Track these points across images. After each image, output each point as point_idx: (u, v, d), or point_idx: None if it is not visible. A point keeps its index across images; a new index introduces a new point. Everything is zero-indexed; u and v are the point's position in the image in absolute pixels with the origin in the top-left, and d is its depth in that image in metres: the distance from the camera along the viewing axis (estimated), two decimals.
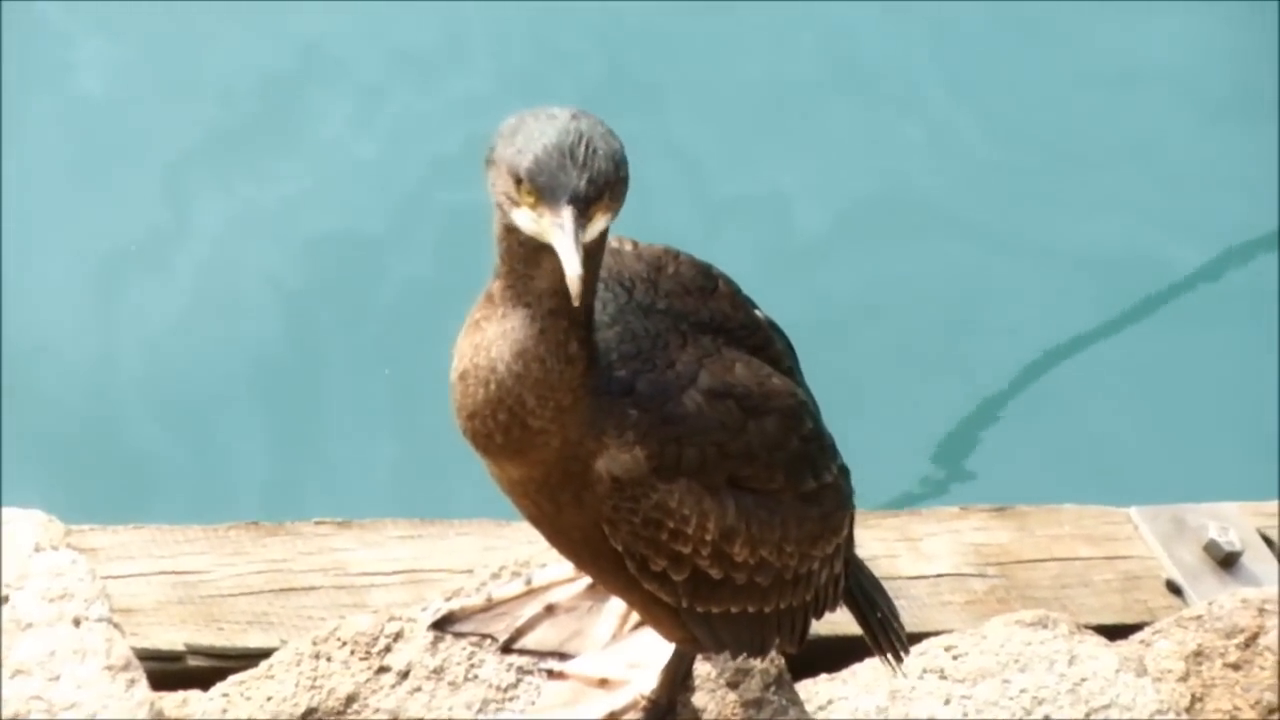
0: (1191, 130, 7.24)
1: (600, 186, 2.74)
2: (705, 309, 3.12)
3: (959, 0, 7.46)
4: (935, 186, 6.98)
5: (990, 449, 6.56)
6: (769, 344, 3.19)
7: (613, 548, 3.05)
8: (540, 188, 2.74)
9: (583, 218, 2.73)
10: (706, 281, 3.16)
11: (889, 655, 3.52)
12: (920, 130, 7.16)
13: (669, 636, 3.34)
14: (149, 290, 6.36)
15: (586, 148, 2.75)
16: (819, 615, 3.38)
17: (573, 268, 2.69)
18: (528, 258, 2.86)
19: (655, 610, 3.21)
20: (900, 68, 7.31)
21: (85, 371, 6.11)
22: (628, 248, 3.14)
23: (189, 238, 6.50)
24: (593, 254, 2.83)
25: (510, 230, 2.85)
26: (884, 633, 3.52)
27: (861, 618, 3.52)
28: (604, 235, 2.86)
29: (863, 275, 6.67)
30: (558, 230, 2.72)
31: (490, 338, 2.94)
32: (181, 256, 6.45)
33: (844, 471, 3.30)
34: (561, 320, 2.90)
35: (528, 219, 2.78)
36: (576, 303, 2.72)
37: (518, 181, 2.77)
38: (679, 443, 2.99)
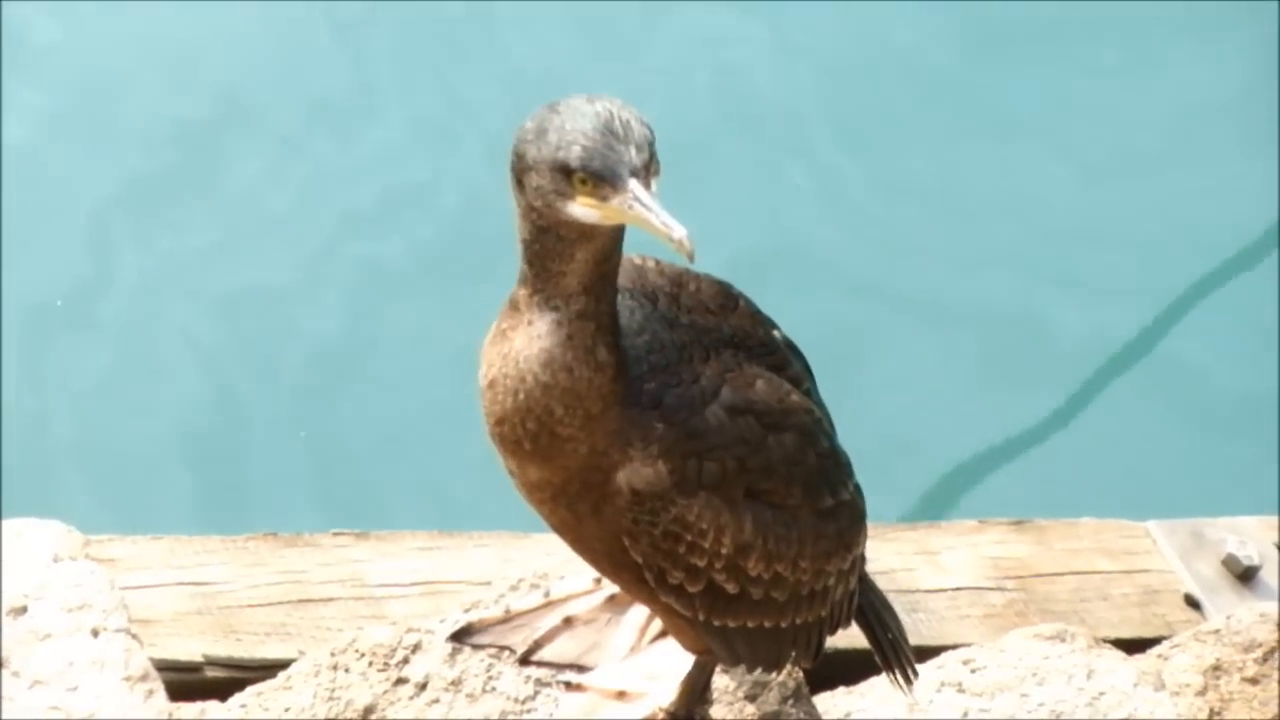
0: (1070, 186, 7.24)
1: (649, 153, 2.76)
2: (726, 325, 3.13)
3: (842, 39, 7.48)
4: (822, 237, 6.97)
5: (1009, 463, 6.55)
6: (787, 364, 3.20)
7: (633, 560, 3.06)
8: (596, 171, 2.74)
9: (645, 185, 2.75)
10: (727, 300, 3.17)
11: (899, 677, 3.52)
12: (808, 178, 7.14)
13: (690, 646, 3.34)
14: (74, 348, 6.35)
15: (621, 122, 2.76)
16: (833, 631, 3.39)
17: (678, 229, 2.70)
18: (562, 254, 2.86)
19: (676, 620, 3.21)
20: (789, 112, 7.30)
21: (18, 433, 6.09)
22: (650, 264, 3.15)
23: (111, 292, 6.48)
24: (622, 231, 2.85)
25: (545, 230, 2.85)
26: (894, 654, 3.52)
27: (873, 637, 3.52)
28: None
29: None
30: (637, 205, 2.73)
31: (518, 347, 2.94)
32: (105, 312, 6.44)
33: (859, 491, 3.31)
34: (589, 324, 2.90)
35: (585, 209, 2.78)
36: (692, 261, 2.72)
37: (567, 175, 2.77)
38: (700, 457, 2.99)
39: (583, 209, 2.78)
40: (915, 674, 3.54)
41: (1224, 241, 7.11)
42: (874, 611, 3.50)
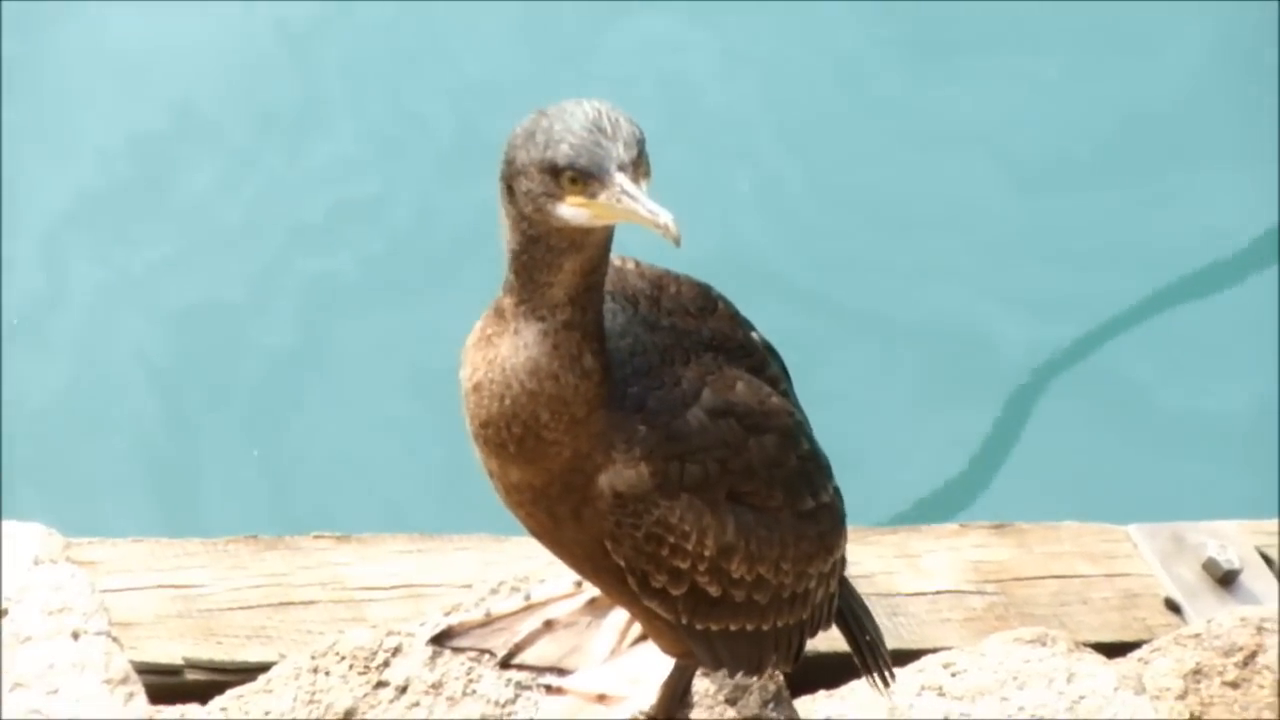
0: (1008, 197, 7.24)
1: (637, 149, 2.76)
2: (705, 328, 3.13)
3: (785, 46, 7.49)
4: (767, 247, 6.96)
5: (990, 467, 6.56)
6: (766, 365, 3.21)
7: (614, 563, 3.06)
8: (584, 168, 2.75)
9: (634, 182, 2.75)
10: (706, 302, 3.18)
11: (877, 678, 3.53)
12: (753, 187, 7.14)
13: (669, 650, 3.34)
14: (28, 365, 6.31)
15: (610, 120, 2.77)
16: (813, 634, 3.39)
17: (664, 214, 2.71)
18: (550, 264, 2.87)
19: (656, 623, 3.21)
20: (735, 120, 7.30)
21: None
22: (630, 266, 3.15)
23: (65, 308, 6.47)
24: (610, 235, 2.86)
25: (535, 240, 2.85)
26: (872, 656, 3.54)
27: (851, 639, 3.54)
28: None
29: None
30: (624, 196, 2.73)
31: (504, 354, 2.94)
32: (58, 329, 6.42)
33: (838, 493, 3.31)
34: (574, 333, 2.91)
35: (574, 209, 2.79)
36: (678, 246, 2.72)
37: (556, 174, 2.77)
38: (682, 459, 3.00)
39: (572, 210, 2.79)
40: (892, 676, 3.55)
41: (1163, 253, 7.13)
42: (852, 614, 3.51)
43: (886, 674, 3.53)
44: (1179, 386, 6.81)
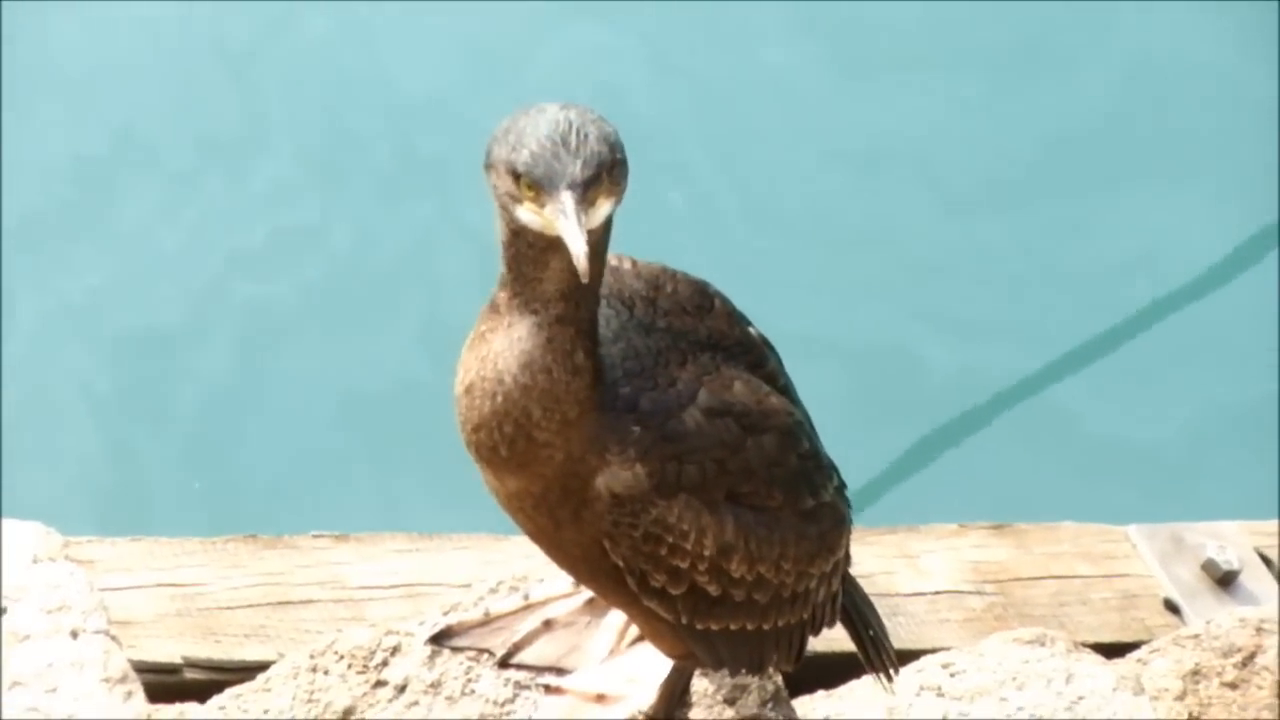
0: (934, 218, 7.23)
1: (596, 169, 2.76)
2: (702, 327, 3.13)
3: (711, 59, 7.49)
4: (697, 264, 6.94)
5: (989, 466, 6.55)
6: (764, 361, 3.21)
7: (612, 564, 3.06)
8: (538, 179, 2.75)
9: (584, 202, 2.74)
10: (703, 300, 3.18)
11: (880, 673, 3.54)
12: (685, 202, 7.12)
13: (668, 652, 3.34)
14: None
15: (578, 134, 2.77)
16: (815, 633, 3.40)
17: (578, 247, 2.69)
18: (536, 259, 2.87)
19: (655, 624, 3.21)
20: (666, 133, 7.28)
21: None
22: (626, 265, 3.15)
23: (8, 334, 6.45)
24: (598, 243, 2.84)
25: (517, 234, 2.85)
26: (876, 651, 3.54)
27: (855, 634, 3.55)
28: (609, 223, 2.86)
29: None
30: (560, 216, 2.73)
31: (497, 349, 2.94)
32: (3, 355, 6.43)
33: (841, 491, 3.31)
34: (569, 328, 2.90)
35: (530, 214, 2.79)
36: (585, 280, 2.73)
37: (516, 178, 2.78)
38: (679, 459, 3.00)
39: (528, 214, 2.79)
40: (897, 670, 3.56)
41: (1091, 272, 7.14)
42: (855, 609, 3.51)
43: (890, 670, 3.53)
44: (1114, 407, 6.82)
